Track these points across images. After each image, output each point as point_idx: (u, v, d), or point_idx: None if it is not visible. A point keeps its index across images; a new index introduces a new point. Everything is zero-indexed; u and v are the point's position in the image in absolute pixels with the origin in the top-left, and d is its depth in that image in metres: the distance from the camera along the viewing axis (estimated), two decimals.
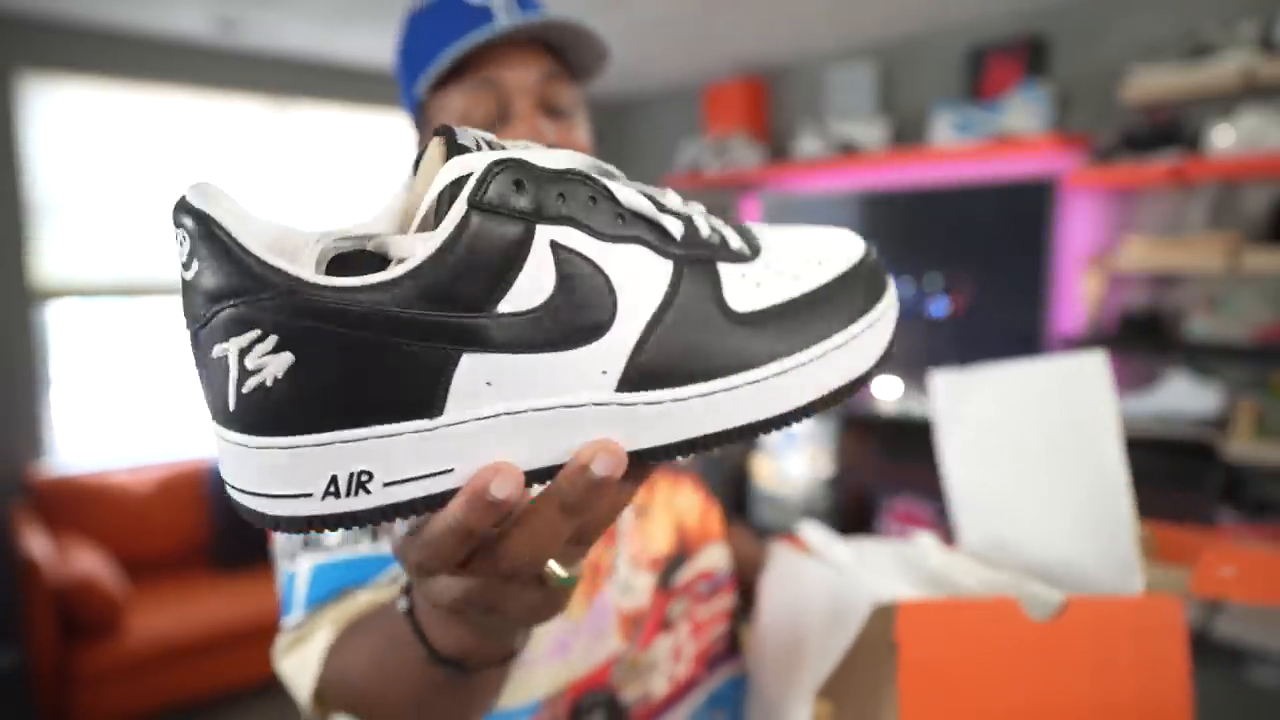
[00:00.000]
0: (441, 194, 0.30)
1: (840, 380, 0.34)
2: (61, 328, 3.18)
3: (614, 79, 4.05)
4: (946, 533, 0.83)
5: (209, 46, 3.32)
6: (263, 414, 0.30)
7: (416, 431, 0.30)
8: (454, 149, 0.31)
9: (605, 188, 0.32)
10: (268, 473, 0.31)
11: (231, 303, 0.28)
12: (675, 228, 0.33)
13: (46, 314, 3.12)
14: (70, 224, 3.09)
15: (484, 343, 0.30)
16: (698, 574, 0.83)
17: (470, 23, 0.69)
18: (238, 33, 3.16)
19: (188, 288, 0.30)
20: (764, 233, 0.37)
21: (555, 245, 0.31)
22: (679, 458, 0.32)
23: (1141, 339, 2.49)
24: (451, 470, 0.31)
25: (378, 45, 3.35)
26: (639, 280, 0.32)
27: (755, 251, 0.35)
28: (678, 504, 0.84)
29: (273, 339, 0.29)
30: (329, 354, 0.29)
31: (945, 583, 0.69)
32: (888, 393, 3.23)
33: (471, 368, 0.30)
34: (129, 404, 3.37)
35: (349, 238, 0.32)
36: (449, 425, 0.30)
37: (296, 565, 0.67)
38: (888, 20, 3.08)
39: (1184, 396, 2.42)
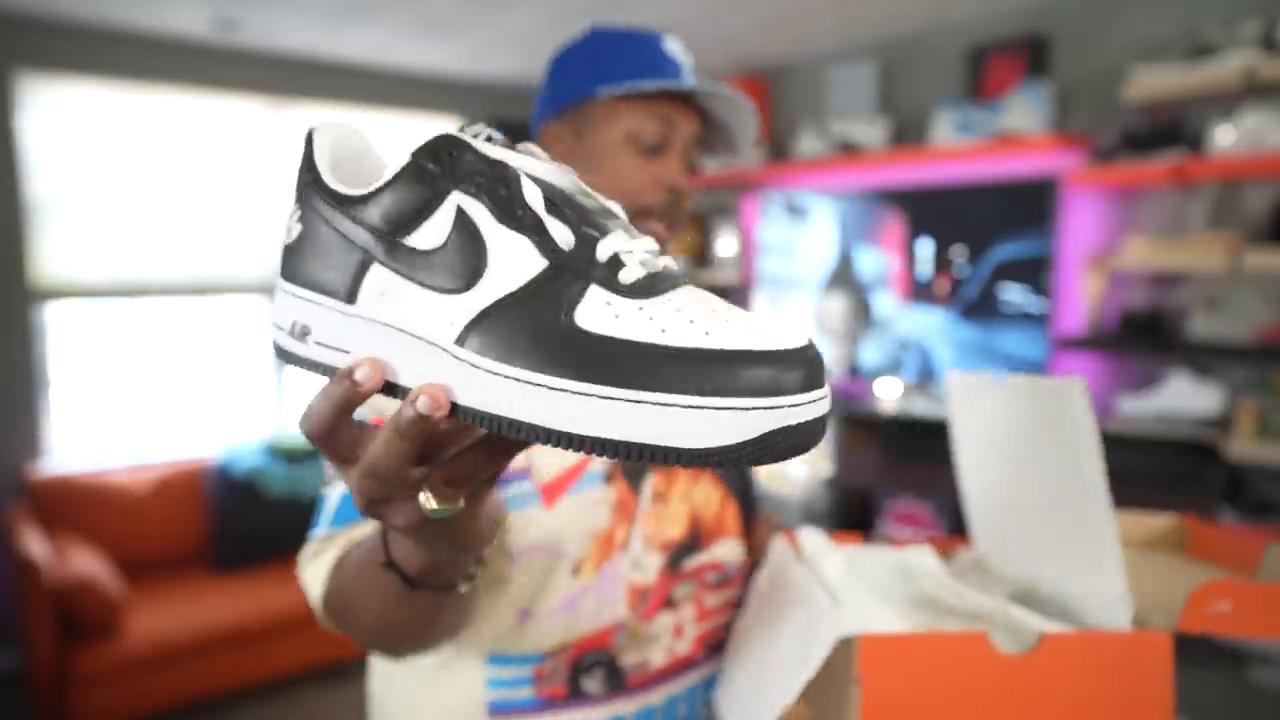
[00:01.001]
0: (424, 142, 0.40)
1: (655, 437, 0.33)
2: (60, 328, 3.17)
3: None
4: (945, 533, 0.83)
5: (207, 46, 3.31)
6: (284, 263, 0.43)
7: (336, 310, 0.41)
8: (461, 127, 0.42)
9: (519, 186, 0.38)
10: (276, 307, 0.44)
11: (299, 188, 0.43)
12: (563, 237, 0.38)
13: (45, 314, 3.12)
14: (68, 224, 3.09)
15: (388, 260, 0.39)
16: (708, 563, 0.89)
17: (669, 66, 0.85)
18: (235, 32, 3.16)
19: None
20: (694, 292, 0.37)
21: (460, 210, 0.38)
22: (499, 431, 0.36)
23: (1143, 339, 2.48)
24: (348, 353, 0.41)
25: (375, 45, 3.35)
26: (509, 264, 0.37)
27: (647, 294, 0.36)
28: (695, 496, 0.90)
29: (298, 213, 0.43)
30: (316, 233, 0.42)
31: (933, 605, 0.68)
32: (888, 392, 3.22)
33: (377, 275, 0.40)
34: (127, 404, 3.36)
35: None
36: (357, 315, 0.40)
37: (331, 489, 0.76)
38: (888, 20, 3.08)
39: (1185, 396, 2.42)
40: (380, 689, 0.89)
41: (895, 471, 3.03)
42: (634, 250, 0.38)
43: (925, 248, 3.15)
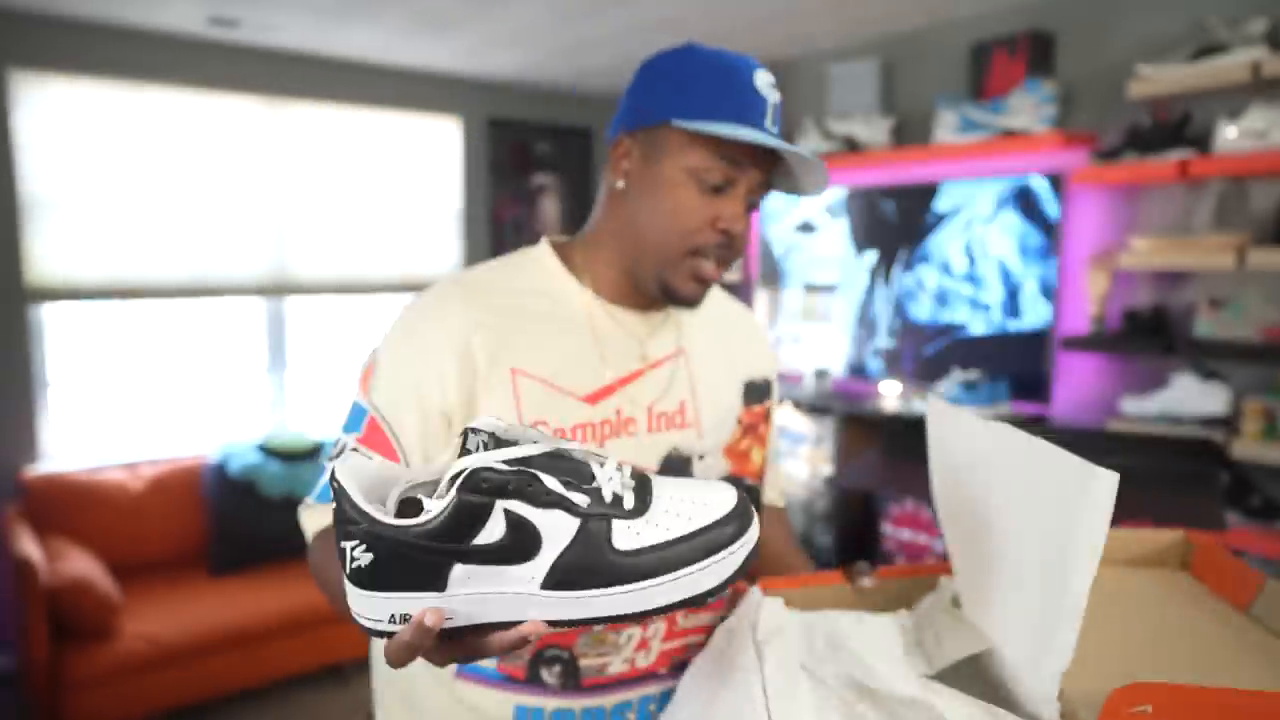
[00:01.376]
0: (452, 477, 0.55)
1: (691, 593, 0.56)
2: (56, 329, 3.15)
3: (616, 76, 4.03)
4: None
5: (203, 43, 3.29)
6: (358, 580, 0.56)
7: (432, 598, 0.55)
8: (463, 450, 0.57)
9: (540, 479, 0.55)
10: (363, 606, 0.57)
11: (347, 527, 0.55)
12: (581, 501, 0.55)
13: (41, 315, 3.09)
14: (64, 224, 3.06)
15: (465, 558, 0.55)
16: None
17: (752, 108, 0.84)
18: (232, 30, 3.13)
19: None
20: (661, 488, 0.59)
21: (506, 510, 0.54)
22: (590, 627, 0.57)
23: (1147, 338, 2.46)
24: (452, 618, 0.56)
25: (373, 42, 3.33)
26: (556, 530, 0.55)
27: (645, 508, 0.57)
28: None
29: (363, 546, 0.55)
30: (389, 556, 0.54)
31: (861, 689, 0.68)
32: (889, 392, 3.20)
33: (461, 569, 0.55)
34: (123, 405, 3.34)
35: (414, 484, 0.60)
36: (451, 595, 0.56)
37: (331, 466, 0.81)
38: (891, 17, 3.05)
39: (1191, 396, 2.39)
40: (377, 652, 0.99)
41: (896, 471, 3.00)
42: (614, 478, 0.57)
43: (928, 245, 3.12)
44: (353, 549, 0.55)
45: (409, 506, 0.58)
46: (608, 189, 0.93)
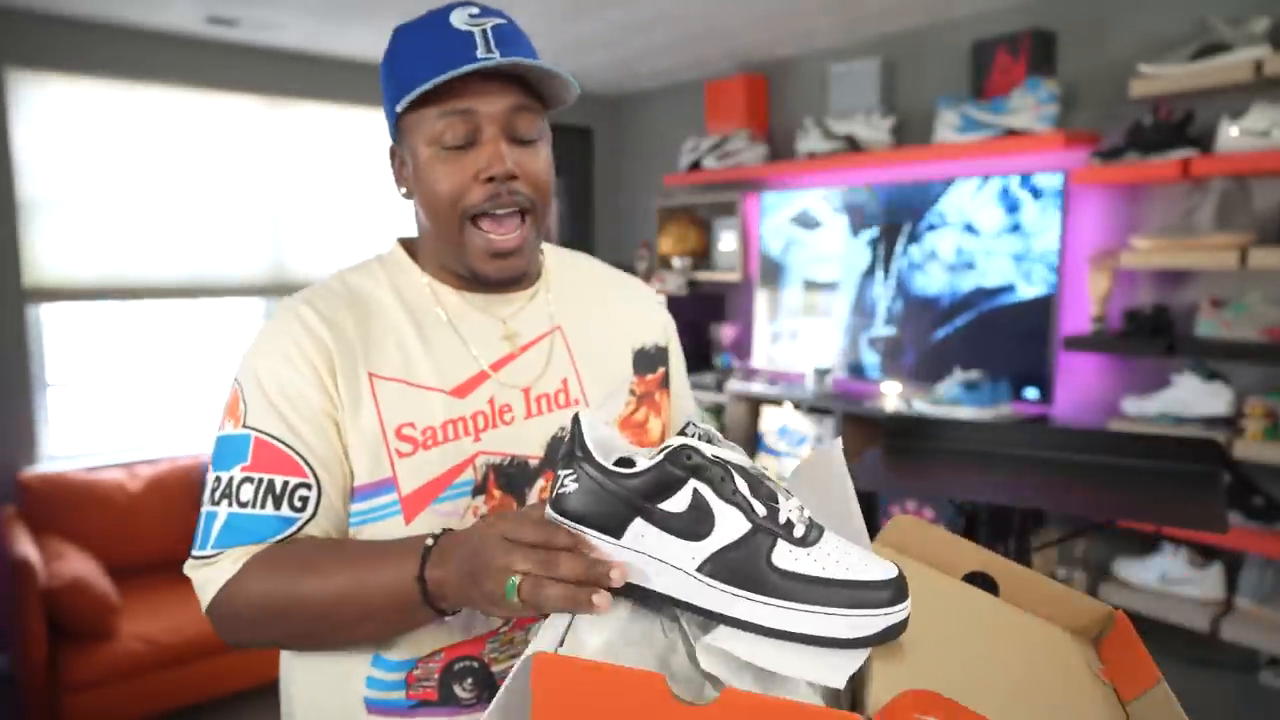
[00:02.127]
0: (664, 445, 0.62)
1: (821, 632, 0.57)
2: (54, 329, 3.14)
3: (615, 75, 4.02)
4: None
5: (202, 42, 3.28)
6: (557, 505, 0.64)
7: (605, 541, 0.62)
8: (684, 429, 0.63)
9: (734, 479, 0.60)
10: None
11: (569, 459, 0.63)
12: (759, 510, 0.60)
13: (39, 315, 3.08)
14: (63, 224, 3.05)
15: (648, 517, 0.61)
16: None
17: (452, 48, 0.79)
18: (231, 29, 3.12)
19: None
20: (831, 538, 0.61)
21: (695, 490, 0.60)
22: (722, 624, 0.59)
23: (1149, 338, 2.45)
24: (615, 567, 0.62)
25: (372, 41, 3.32)
26: (729, 524, 0.59)
27: (812, 542, 0.60)
28: None
29: (573, 476, 0.63)
30: (589, 492, 0.62)
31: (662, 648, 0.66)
32: (889, 391, 3.19)
33: (639, 524, 0.61)
34: (122, 405, 3.33)
35: (625, 458, 0.66)
36: (622, 547, 0.62)
37: (218, 509, 0.80)
38: (891, 16, 3.04)
39: (1193, 397, 2.38)
40: (285, 682, 0.94)
41: (896, 471, 2.99)
42: (794, 512, 0.61)
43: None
44: (565, 477, 0.63)
45: (621, 464, 0.64)
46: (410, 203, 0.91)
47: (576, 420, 0.64)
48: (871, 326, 3.35)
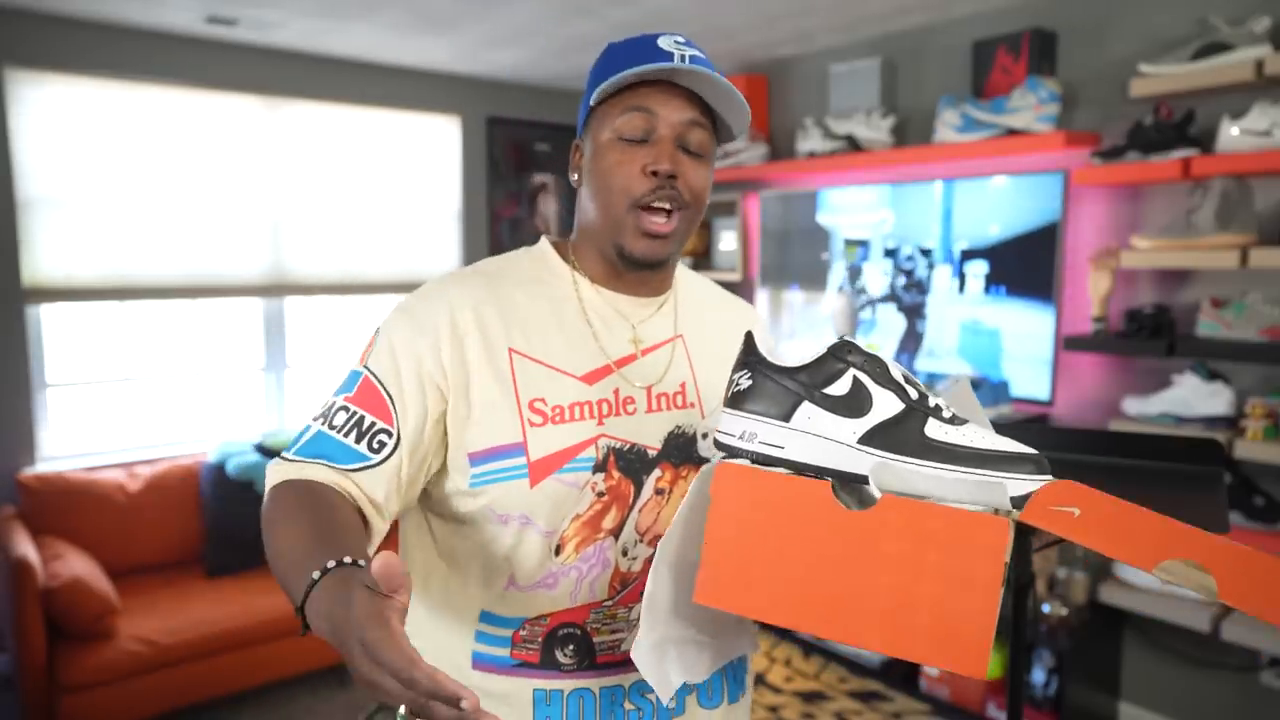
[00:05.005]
0: (831, 343, 0.71)
1: (976, 496, 0.65)
2: (53, 329, 3.13)
3: None
4: None
5: (201, 42, 3.28)
6: (732, 402, 0.73)
7: (775, 425, 0.71)
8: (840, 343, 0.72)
9: (889, 369, 0.70)
10: (727, 424, 0.73)
11: (743, 362, 0.74)
12: (912, 393, 0.69)
13: (38, 315, 3.08)
14: (62, 223, 3.05)
15: (813, 400, 0.70)
16: None
17: (653, 60, 0.88)
18: (230, 28, 3.12)
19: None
20: (975, 424, 0.69)
21: (855, 375, 0.69)
22: (882, 490, 0.65)
23: (1149, 338, 2.45)
24: (783, 448, 0.70)
25: (372, 41, 3.31)
26: (885, 403, 0.68)
27: (960, 423, 0.68)
28: None
29: (746, 374, 0.72)
30: (763, 385, 0.72)
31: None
32: None
33: (805, 409, 0.70)
34: (121, 405, 3.33)
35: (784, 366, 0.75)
36: (790, 428, 0.70)
37: (314, 424, 0.89)
38: (891, 15, 3.04)
39: (1194, 397, 2.38)
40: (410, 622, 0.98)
41: None
42: (942, 401, 0.70)
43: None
44: (739, 377, 0.72)
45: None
46: (576, 190, 1.00)
47: (749, 335, 0.74)
48: (872, 326, 3.35)
